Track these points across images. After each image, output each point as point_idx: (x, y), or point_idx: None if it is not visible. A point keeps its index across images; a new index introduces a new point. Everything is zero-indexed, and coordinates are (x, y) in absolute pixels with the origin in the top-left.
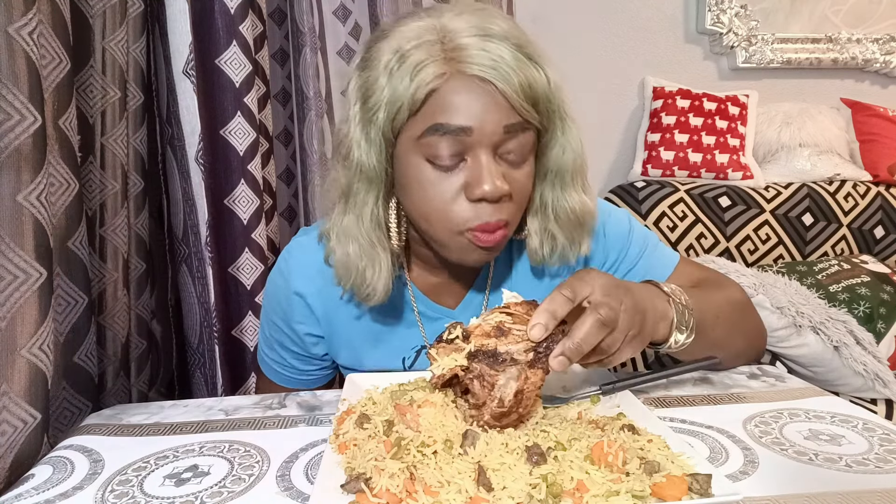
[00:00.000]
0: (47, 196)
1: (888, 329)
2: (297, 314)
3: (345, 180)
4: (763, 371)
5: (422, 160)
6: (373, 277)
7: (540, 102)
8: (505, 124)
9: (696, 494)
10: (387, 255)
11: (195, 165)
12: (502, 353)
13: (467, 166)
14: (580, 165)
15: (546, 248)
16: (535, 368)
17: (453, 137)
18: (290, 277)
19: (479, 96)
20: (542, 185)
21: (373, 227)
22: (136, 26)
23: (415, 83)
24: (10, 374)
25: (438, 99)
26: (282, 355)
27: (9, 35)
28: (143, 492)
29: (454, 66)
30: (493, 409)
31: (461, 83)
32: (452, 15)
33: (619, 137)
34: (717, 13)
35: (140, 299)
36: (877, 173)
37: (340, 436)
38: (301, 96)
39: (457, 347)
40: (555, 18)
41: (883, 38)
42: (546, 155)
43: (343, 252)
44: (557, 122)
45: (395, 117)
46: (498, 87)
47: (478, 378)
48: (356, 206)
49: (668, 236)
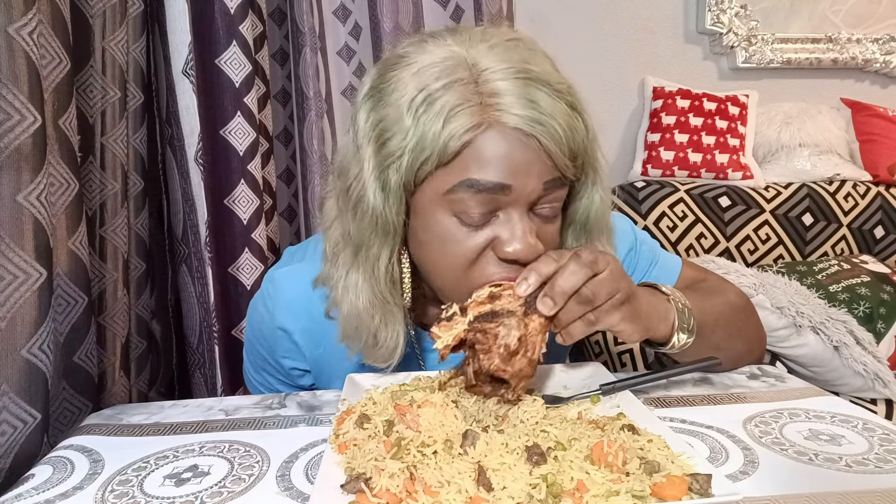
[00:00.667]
0: (47, 196)
1: (888, 329)
2: (281, 349)
3: (355, 230)
4: (763, 371)
5: (448, 215)
6: (387, 339)
7: (579, 155)
8: (545, 181)
9: (696, 494)
10: (400, 312)
11: (195, 165)
12: (498, 310)
13: (499, 222)
14: (606, 218)
15: None
16: (531, 315)
17: (489, 195)
18: (276, 312)
19: (520, 152)
20: (566, 235)
21: (387, 285)
22: (136, 26)
23: (447, 131)
24: (10, 374)
25: (474, 152)
26: (267, 379)
27: (9, 35)
28: (143, 492)
29: (492, 115)
30: (500, 353)
31: (500, 136)
32: (485, 47)
33: (619, 137)
34: (717, 13)
35: (140, 299)
36: (877, 173)
37: (340, 436)
38: (301, 96)
39: (456, 321)
40: (555, 18)
41: (883, 38)
42: (574, 205)
43: (352, 310)
44: (590, 173)
45: (420, 167)
46: (542, 143)
47: (480, 332)
48: (368, 261)
49: (668, 236)
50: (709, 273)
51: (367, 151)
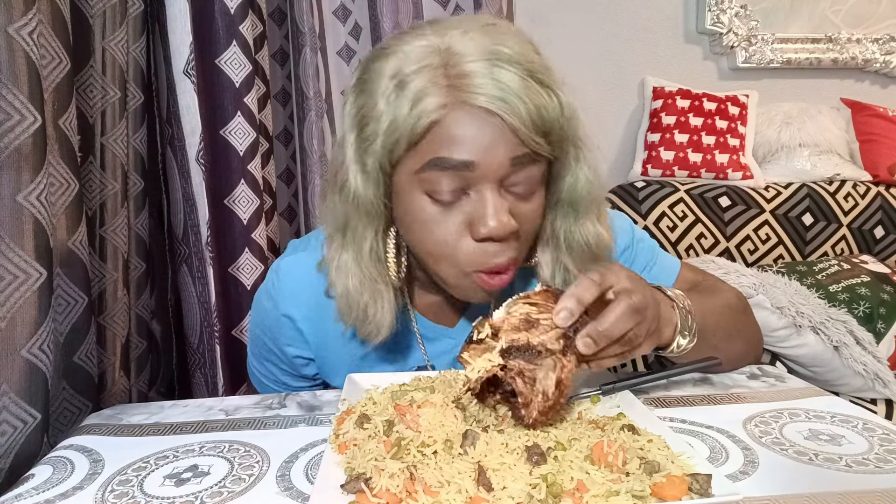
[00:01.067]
0: (47, 196)
1: (888, 329)
2: (286, 337)
3: (342, 213)
4: (763, 371)
5: (421, 195)
6: (375, 315)
7: (552, 131)
8: (512, 157)
9: (696, 494)
10: (389, 289)
11: (195, 165)
12: (535, 345)
13: (470, 201)
14: (596, 195)
15: (559, 279)
16: (568, 355)
17: (455, 173)
18: (279, 300)
19: (484, 130)
20: (554, 215)
21: (373, 263)
22: (136, 26)
23: (415, 113)
24: (10, 374)
25: (440, 131)
26: (271, 370)
27: (9, 35)
28: (143, 492)
29: (458, 95)
30: (539, 403)
31: (465, 115)
32: (459, 34)
33: (619, 137)
34: (717, 13)
35: (140, 299)
36: (877, 173)
37: (340, 436)
38: (301, 96)
39: (488, 347)
40: (555, 18)
41: (883, 38)
42: (558, 183)
43: (343, 288)
44: (570, 150)
45: (392, 149)
46: (505, 120)
47: (519, 375)
48: (355, 242)
49: (668, 236)
50: (706, 274)
51: (349, 138)
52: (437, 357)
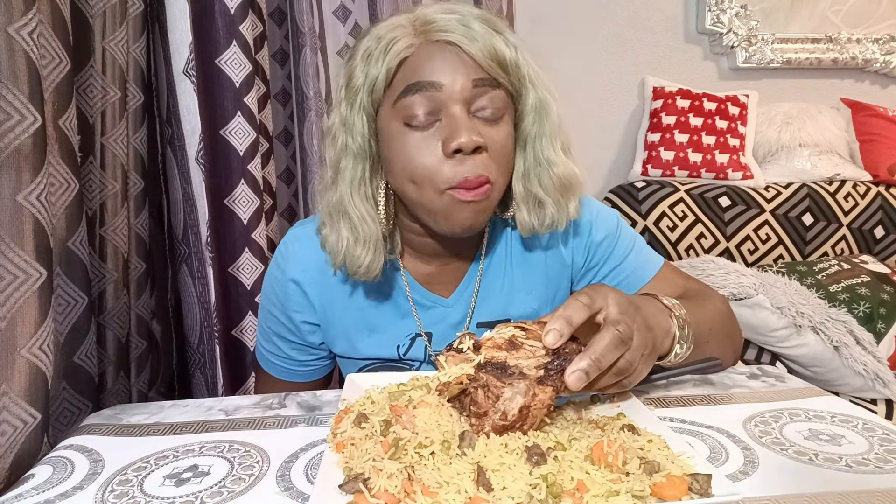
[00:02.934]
0: (47, 196)
1: (888, 329)
2: (293, 302)
3: (333, 158)
4: (763, 371)
5: (401, 125)
6: (364, 251)
7: (508, 67)
8: (473, 78)
9: (696, 494)
10: (377, 227)
11: (195, 165)
12: (511, 366)
13: (442, 125)
14: (557, 128)
15: (535, 217)
16: (544, 385)
17: (425, 94)
18: (287, 266)
19: (446, 57)
20: (524, 153)
21: (361, 200)
22: (136, 26)
23: (387, 57)
24: (10, 374)
25: (409, 65)
26: (279, 346)
27: (9, 35)
28: (143, 492)
29: (423, 36)
30: (494, 420)
31: (430, 48)
32: (425, 6)
33: (619, 137)
34: (717, 13)
35: (140, 299)
36: (877, 173)
37: (338, 434)
38: (301, 96)
39: (466, 357)
40: (555, 18)
41: (883, 38)
42: (523, 122)
43: (334, 229)
44: (529, 87)
45: (372, 91)
46: (464, 48)
47: (482, 388)
48: (345, 181)
49: (668, 236)
50: (690, 278)
51: (339, 97)
52: (431, 325)
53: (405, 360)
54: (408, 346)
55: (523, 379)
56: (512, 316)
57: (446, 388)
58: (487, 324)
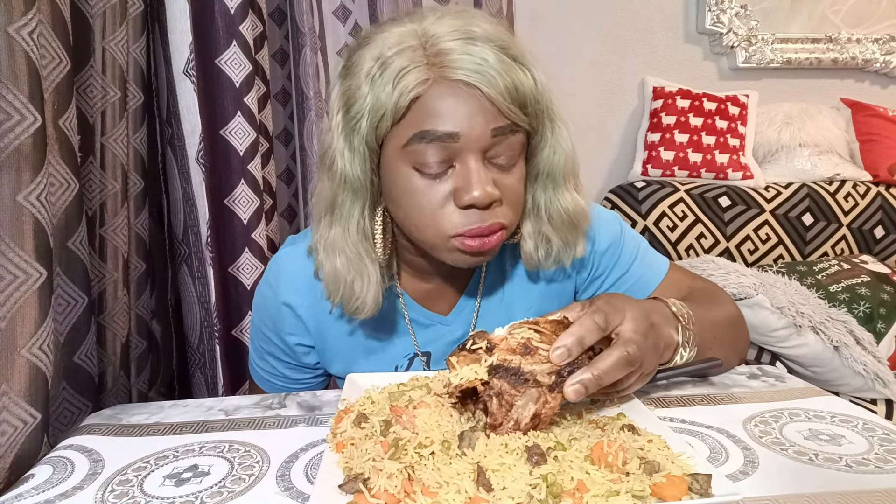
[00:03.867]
0: (47, 196)
1: (888, 329)
2: (286, 325)
3: (330, 192)
4: (763, 371)
5: (409, 169)
6: (361, 290)
7: (528, 104)
8: (493, 127)
9: (696, 494)
10: (375, 266)
11: (195, 165)
12: (525, 372)
13: (456, 172)
14: (572, 166)
15: (541, 252)
16: (555, 393)
17: (440, 144)
18: (279, 288)
19: (464, 101)
20: (534, 188)
21: (360, 239)
22: (136, 26)
23: (398, 90)
24: (10, 374)
25: (423, 106)
26: (273, 365)
27: (9, 35)
28: (143, 492)
29: (437, 71)
30: (507, 428)
31: (445, 88)
32: (434, 19)
33: (619, 137)
34: (717, 13)
35: (140, 299)
36: (877, 173)
37: (338, 434)
38: (301, 96)
39: (478, 358)
40: (555, 18)
41: (883, 38)
42: (536, 157)
43: (331, 266)
44: (546, 123)
45: (378, 125)
46: (483, 92)
47: (497, 396)
48: (342, 219)
49: (668, 236)
50: (697, 277)
51: (336, 119)
52: (429, 344)
53: None
54: (406, 366)
55: (537, 386)
56: None
57: (457, 391)
58: None
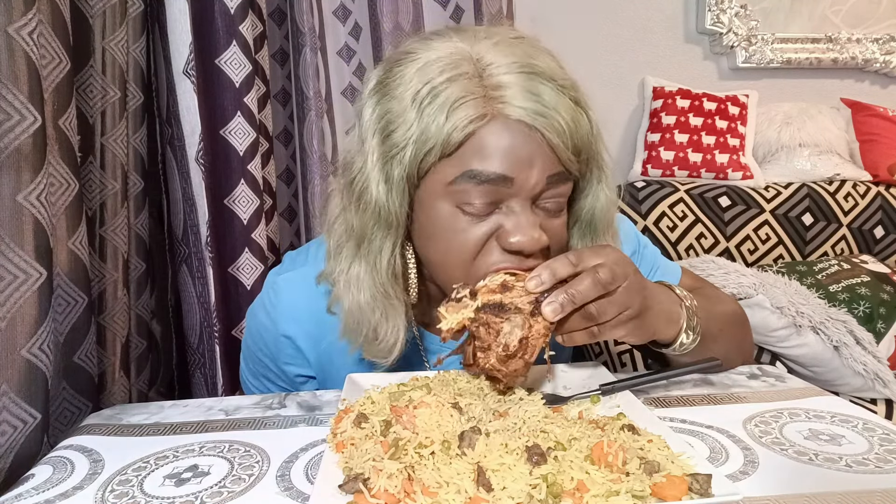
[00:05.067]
0: (47, 196)
1: (888, 329)
2: (285, 356)
3: (358, 223)
4: (763, 371)
5: (451, 207)
6: (387, 333)
7: (583, 150)
8: (548, 175)
9: (696, 494)
10: (402, 307)
11: (195, 165)
12: (507, 304)
13: (502, 213)
14: (612, 216)
15: None
16: (537, 316)
17: (490, 186)
18: (278, 319)
19: (523, 144)
20: (572, 233)
21: (388, 279)
22: (136, 26)
23: (450, 123)
24: (10, 374)
25: (477, 143)
26: (268, 386)
27: (9, 35)
28: (143, 492)
29: (496, 107)
30: (498, 353)
31: (504, 127)
32: (489, 44)
33: (619, 137)
34: (717, 13)
35: (140, 299)
36: (877, 173)
37: (338, 434)
38: (301, 96)
39: (464, 305)
40: (555, 18)
41: (883, 38)
42: (579, 203)
43: (353, 303)
44: (595, 171)
45: (423, 159)
46: (545, 136)
47: (483, 325)
48: (370, 254)
49: (668, 236)
50: (705, 281)
51: (371, 144)
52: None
53: None
54: None
55: (519, 313)
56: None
57: (450, 335)
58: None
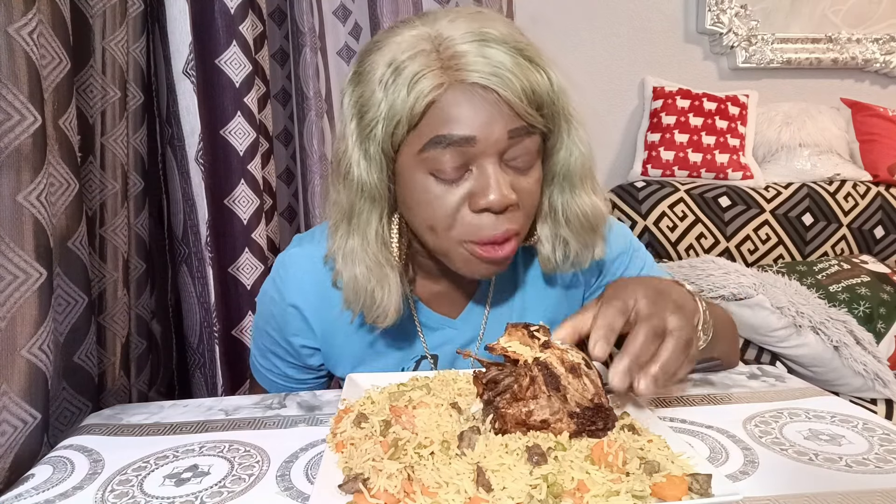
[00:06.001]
0: (47, 196)
1: (888, 329)
2: (292, 327)
3: (346, 200)
4: (763, 371)
5: (425, 175)
6: (382, 298)
7: (544, 106)
8: (509, 129)
9: (696, 494)
10: (395, 274)
11: (195, 165)
12: (563, 385)
13: (473, 176)
14: (589, 167)
15: (559, 254)
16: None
17: (456, 149)
18: (286, 290)
19: (480, 104)
20: (551, 190)
21: (379, 248)
22: (136, 26)
23: (412, 96)
24: (10, 374)
25: (438, 110)
26: (275, 363)
27: (9, 35)
28: (143, 492)
29: (452, 74)
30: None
31: (461, 92)
32: (447, 21)
33: (619, 137)
34: (717, 13)
35: (140, 299)
36: (877, 173)
37: (338, 434)
38: (301, 96)
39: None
40: (555, 18)
41: (883, 38)
42: (553, 158)
43: (350, 275)
44: (563, 125)
45: (393, 132)
46: (500, 94)
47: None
48: (360, 227)
49: (668, 236)
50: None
51: (350, 127)
52: (438, 347)
53: None
54: (413, 367)
55: (563, 404)
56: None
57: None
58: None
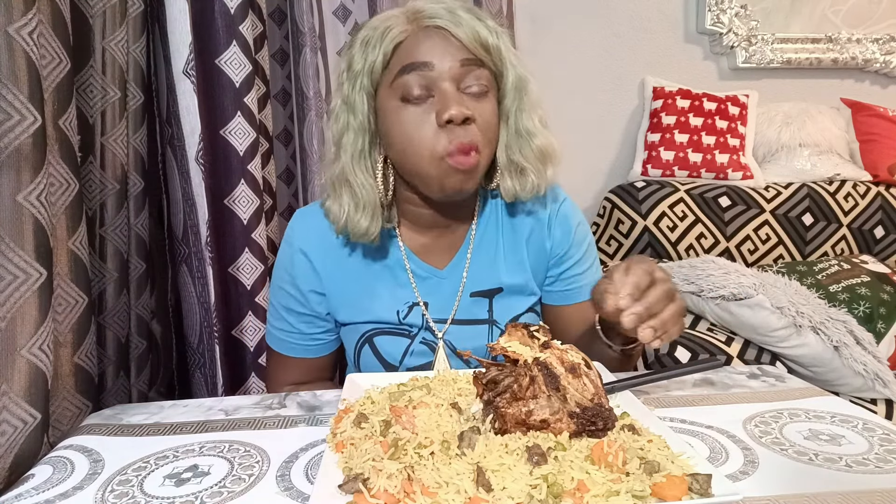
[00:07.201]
0: (47, 196)
1: (888, 329)
2: (301, 272)
3: (336, 133)
4: (763, 371)
5: (398, 101)
6: (363, 216)
7: (491, 49)
8: (461, 59)
9: (696, 494)
10: (375, 194)
11: (195, 165)
12: (563, 385)
13: (435, 100)
14: (536, 103)
15: (517, 183)
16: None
17: (419, 73)
18: (294, 238)
19: (436, 40)
20: (506, 126)
21: (361, 171)
22: (136, 26)
23: (384, 42)
24: (10, 374)
25: (404, 48)
26: (289, 321)
27: (9, 35)
28: (143, 492)
29: (414, 23)
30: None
31: (421, 33)
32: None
33: (619, 137)
34: (717, 13)
35: (140, 299)
36: (877, 173)
37: (338, 434)
38: (301, 96)
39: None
40: (554, 18)
41: (883, 38)
42: (506, 98)
43: (336, 198)
44: (510, 67)
45: (372, 73)
46: (451, 32)
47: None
48: (346, 154)
49: (668, 236)
50: None
51: (341, 80)
52: (428, 295)
53: (404, 324)
54: (406, 311)
55: (563, 404)
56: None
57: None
58: (480, 293)
